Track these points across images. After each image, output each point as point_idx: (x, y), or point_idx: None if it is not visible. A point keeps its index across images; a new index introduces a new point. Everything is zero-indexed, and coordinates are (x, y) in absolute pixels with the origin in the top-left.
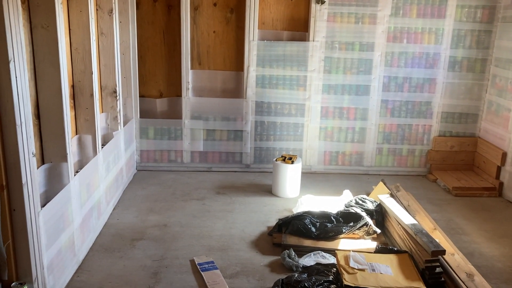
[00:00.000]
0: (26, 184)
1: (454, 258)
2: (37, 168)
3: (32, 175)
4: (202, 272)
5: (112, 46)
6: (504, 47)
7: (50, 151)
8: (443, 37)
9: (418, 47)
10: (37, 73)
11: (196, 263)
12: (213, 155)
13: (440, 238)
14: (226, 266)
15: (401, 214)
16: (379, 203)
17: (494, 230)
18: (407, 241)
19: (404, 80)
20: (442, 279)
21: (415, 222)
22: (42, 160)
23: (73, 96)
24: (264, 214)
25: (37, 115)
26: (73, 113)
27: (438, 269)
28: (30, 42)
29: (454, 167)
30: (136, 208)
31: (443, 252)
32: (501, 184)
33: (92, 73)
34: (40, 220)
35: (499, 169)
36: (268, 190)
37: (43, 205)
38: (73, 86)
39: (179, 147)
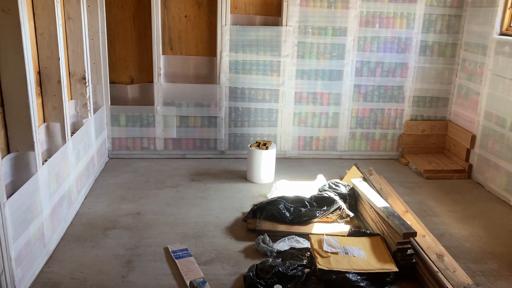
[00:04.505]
0: None
1: (425, 239)
2: (2, 157)
3: None
4: (176, 260)
5: (80, 31)
6: (473, 31)
7: (16, 140)
8: (415, 22)
9: (390, 32)
10: (0, 59)
11: (170, 250)
12: (187, 142)
13: (412, 220)
14: (200, 253)
15: (374, 198)
16: (352, 187)
17: (463, 211)
18: (380, 224)
19: (376, 65)
20: (414, 260)
21: (387, 205)
22: (8, 149)
23: (40, 83)
24: (239, 200)
25: (1, 103)
26: (40, 101)
27: (409, 251)
28: None
29: (426, 150)
30: (109, 197)
31: (414, 234)
32: (471, 166)
33: (59, 59)
34: (6, 211)
35: (468, 151)
36: (243, 176)
37: (9, 196)
38: (39, 73)
39: (152, 134)
